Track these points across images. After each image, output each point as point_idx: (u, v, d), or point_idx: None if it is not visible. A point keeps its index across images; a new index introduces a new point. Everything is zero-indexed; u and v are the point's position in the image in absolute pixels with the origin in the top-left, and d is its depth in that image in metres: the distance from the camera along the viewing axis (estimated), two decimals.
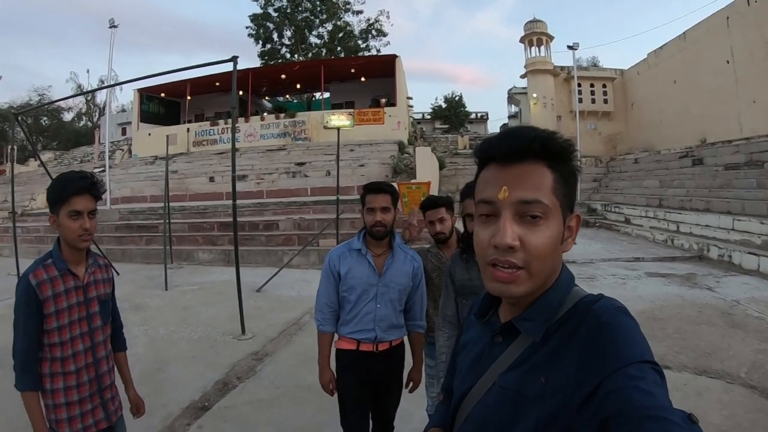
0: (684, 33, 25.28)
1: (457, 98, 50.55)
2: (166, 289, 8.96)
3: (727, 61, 21.54)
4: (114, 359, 2.34)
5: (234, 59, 6.00)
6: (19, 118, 13.76)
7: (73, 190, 2.02)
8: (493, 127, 57.39)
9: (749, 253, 9.75)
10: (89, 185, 2.07)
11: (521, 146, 0.88)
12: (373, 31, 39.39)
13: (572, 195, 0.92)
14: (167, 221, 11.06)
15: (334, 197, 11.45)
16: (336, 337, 2.83)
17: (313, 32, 38.53)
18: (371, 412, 2.83)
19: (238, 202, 8.37)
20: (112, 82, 21.13)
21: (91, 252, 2.25)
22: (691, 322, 6.30)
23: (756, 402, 4.06)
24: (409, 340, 2.91)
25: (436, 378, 2.51)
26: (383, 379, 2.82)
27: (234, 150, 6.66)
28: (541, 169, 0.88)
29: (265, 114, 27.12)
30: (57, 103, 43.92)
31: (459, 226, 3.04)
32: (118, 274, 10.53)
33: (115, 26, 20.37)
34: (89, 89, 41.84)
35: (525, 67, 33.50)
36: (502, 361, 0.94)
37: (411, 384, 2.95)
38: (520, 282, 0.87)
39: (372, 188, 2.77)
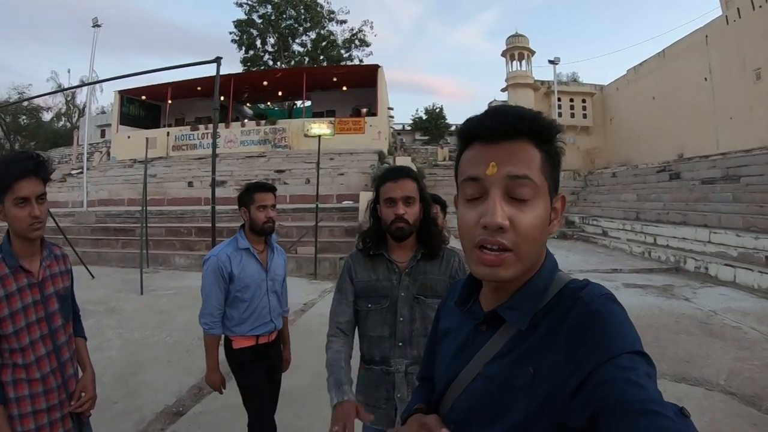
0: (663, 50, 25.69)
1: (437, 110, 50.76)
2: (142, 293, 8.78)
3: (705, 79, 21.92)
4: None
5: (218, 60, 5.93)
6: None
7: (17, 173, 1.77)
8: None
9: (725, 264, 9.91)
10: (35, 166, 1.82)
11: (509, 124, 0.86)
12: (357, 41, 39.35)
13: (557, 176, 0.90)
14: (144, 225, 10.88)
15: (313, 205, 11.39)
16: (222, 338, 2.88)
17: (297, 40, 38.39)
18: None
19: (217, 207, 8.27)
20: (93, 82, 20.87)
21: (46, 242, 2.01)
22: (669, 331, 6.34)
23: (735, 408, 4.10)
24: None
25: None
26: (274, 363, 3.01)
27: (214, 150, 6.58)
28: (529, 148, 0.86)
29: (246, 120, 26.92)
30: (36, 103, 43.31)
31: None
32: (93, 277, 10.35)
33: (99, 25, 20.16)
34: (69, 88, 41.24)
35: (506, 80, 33.75)
36: (487, 351, 0.92)
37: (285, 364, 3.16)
38: (508, 265, 0.84)
39: (263, 187, 2.90)
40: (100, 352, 5.59)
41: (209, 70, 6.32)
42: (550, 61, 26.93)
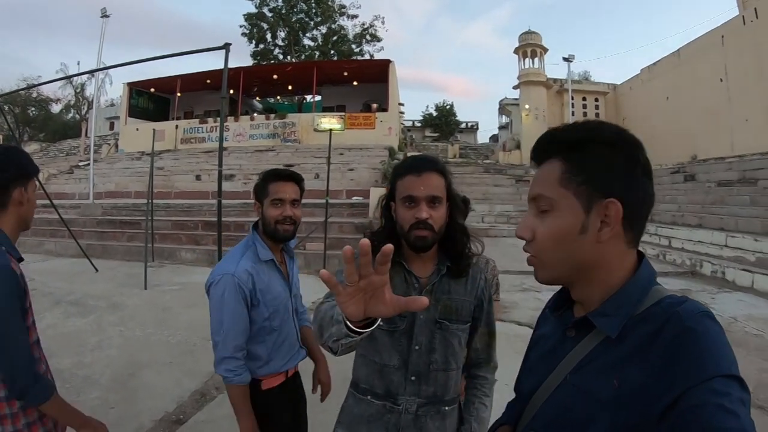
0: (678, 50, 25.44)
1: (448, 107, 50.69)
2: (146, 288, 8.60)
3: (721, 79, 21.66)
4: None
5: (226, 46, 5.77)
6: (4, 107, 13.36)
7: (36, 167, 1.79)
8: (483, 137, 57.69)
9: (743, 269, 9.64)
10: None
11: (537, 150, 0.96)
12: (368, 36, 39.18)
13: (602, 181, 0.87)
14: (149, 218, 10.72)
15: (323, 200, 11.21)
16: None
17: (307, 34, 38.31)
18: None
19: (224, 201, 8.07)
20: (101, 75, 20.81)
21: None
22: None
23: (766, 423, 3.85)
24: (305, 338, 2.42)
25: None
26: (298, 397, 2.42)
27: (221, 141, 6.40)
28: (554, 165, 0.91)
29: (255, 114, 26.86)
30: (45, 95, 43.82)
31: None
32: (96, 270, 10.19)
33: (107, 16, 20.11)
34: (77, 81, 41.44)
35: (518, 78, 33.48)
36: (573, 357, 0.92)
37: (320, 388, 2.43)
38: (537, 268, 0.94)
39: (280, 175, 2.20)
40: (99, 350, 5.43)
41: (218, 63, 6.16)
42: (565, 59, 26.64)
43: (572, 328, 0.95)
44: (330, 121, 22.28)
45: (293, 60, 35.19)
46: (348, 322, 1.04)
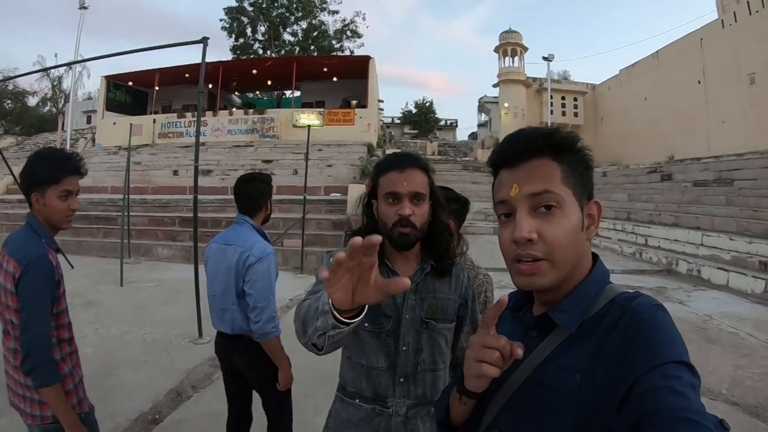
0: (657, 52, 25.76)
1: (427, 104, 50.76)
2: (122, 285, 8.49)
3: (699, 81, 22.02)
4: None
5: (204, 40, 5.68)
6: None
7: (70, 169, 1.92)
8: (462, 134, 57.89)
9: (718, 268, 9.82)
10: (82, 165, 1.99)
11: (525, 145, 0.93)
12: (348, 32, 39.06)
13: (586, 183, 0.95)
14: (126, 213, 10.56)
15: (301, 197, 11.15)
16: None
17: (288, 29, 38.05)
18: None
19: (202, 197, 7.97)
20: (78, 67, 20.45)
21: None
22: None
23: (740, 420, 3.95)
24: None
25: None
26: None
27: (198, 135, 6.31)
28: (547, 163, 0.91)
29: (234, 109, 26.54)
30: (21, 87, 43.22)
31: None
32: (72, 267, 10.01)
33: (85, 7, 19.79)
34: (54, 73, 40.77)
35: (498, 76, 33.66)
36: (536, 356, 0.93)
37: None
38: (542, 273, 0.88)
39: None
40: None
41: (197, 57, 6.07)
42: (545, 58, 26.93)
43: (534, 329, 0.97)
44: (309, 117, 22.09)
45: (273, 55, 34.96)
46: (335, 312, 1.02)
